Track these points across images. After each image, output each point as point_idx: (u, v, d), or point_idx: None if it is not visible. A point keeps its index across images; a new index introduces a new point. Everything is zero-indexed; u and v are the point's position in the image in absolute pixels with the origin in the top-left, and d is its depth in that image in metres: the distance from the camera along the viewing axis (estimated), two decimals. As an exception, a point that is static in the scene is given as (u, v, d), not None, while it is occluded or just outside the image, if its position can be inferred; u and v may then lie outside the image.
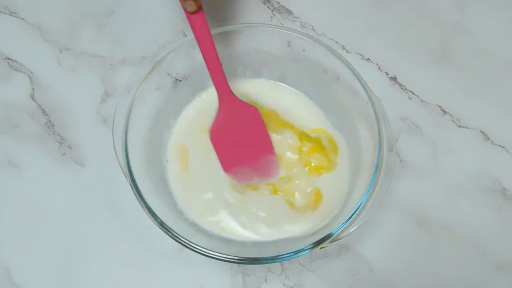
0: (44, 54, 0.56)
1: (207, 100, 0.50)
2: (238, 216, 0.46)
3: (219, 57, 0.42)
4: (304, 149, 0.48)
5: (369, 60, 0.56)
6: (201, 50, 0.42)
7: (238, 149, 0.47)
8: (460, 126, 0.53)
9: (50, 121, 0.53)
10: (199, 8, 0.40)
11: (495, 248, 0.49)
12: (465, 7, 0.58)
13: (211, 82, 0.45)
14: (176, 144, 0.49)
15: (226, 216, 0.46)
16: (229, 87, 0.44)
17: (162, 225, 0.40)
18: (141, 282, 0.48)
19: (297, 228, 0.45)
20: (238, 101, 0.45)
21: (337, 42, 0.56)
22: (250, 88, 0.51)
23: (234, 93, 0.45)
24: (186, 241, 0.39)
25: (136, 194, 0.40)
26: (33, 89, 0.54)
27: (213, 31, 0.46)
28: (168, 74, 0.48)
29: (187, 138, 0.49)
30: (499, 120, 0.53)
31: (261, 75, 0.51)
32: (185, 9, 0.40)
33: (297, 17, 0.57)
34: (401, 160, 0.51)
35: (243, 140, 0.47)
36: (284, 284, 0.48)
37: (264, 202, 0.46)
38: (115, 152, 0.43)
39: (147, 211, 0.40)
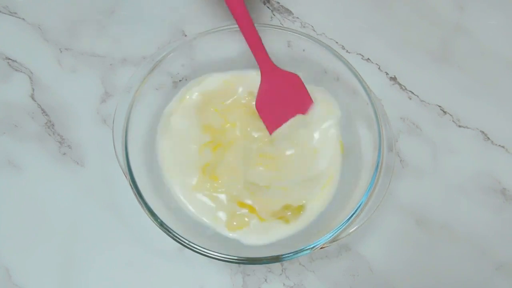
0: (44, 54, 0.56)
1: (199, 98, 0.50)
2: (239, 216, 0.46)
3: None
4: None
5: (369, 60, 0.56)
6: (239, 25, 0.44)
7: (281, 114, 0.48)
8: (460, 126, 0.53)
9: (50, 121, 0.53)
10: None
11: (495, 248, 0.49)
12: (465, 7, 0.58)
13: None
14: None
15: (226, 217, 0.46)
16: (269, 58, 0.46)
17: (162, 225, 0.40)
18: (141, 282, 0.48)
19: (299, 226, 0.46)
20: (279, 70, 0.47)
21: (337, 42, 0.56)
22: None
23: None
24: (186, 241, 0.39)
25: (136, 194, 0.41)
26: (33, 89, 0.54)
27: (214, 31, 0.46)
28: (167, 74, 0.48)
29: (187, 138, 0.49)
30: (499, 120, 0.53)
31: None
32: None
33: (297, 17, 0.57)
34: (401, 160, 0.51)
35: (286, 105, 0.48)
36: (284, 284, 0.48)
37: (265, 204, 0.46)
38: (115, 152, 0.43)
39: (147, 211, 0.40)
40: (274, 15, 0.57)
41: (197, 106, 0.49)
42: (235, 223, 0.45)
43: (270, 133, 0.49)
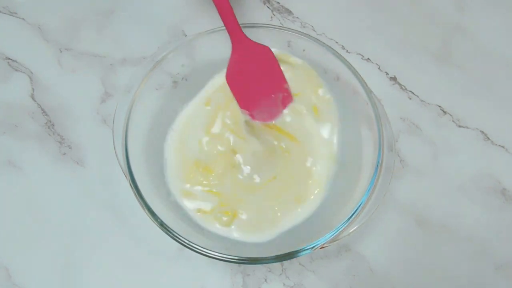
0: (44, 54, 0.55)
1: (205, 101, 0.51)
2: (239, 215, 0.46)
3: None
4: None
5: (369, 60, 0.56)
6: None
7: (253, 88, 0.48)
8: (460, 126, 0.53)
9: (50, 121, 0.53)
10: None
11: (495, 248, 0.48)
12: (465, 7, 0.58)
13: (209, 82, 0.46)
14: (175, 143, 0.49)
15: (226, 216, 0.46)
16: (240, 28, 0.45)
17: (162, 225, 0.40)
18: (142, 282, 0.48)
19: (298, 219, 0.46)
20: (250, 42, 0.46)
21: (337, 42, 0.56)
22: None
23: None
24: (186, 241, 0.39)
25: (136, 194, 0.40)
26: (33, 89, 0.54)
27: (214, 31, 0.46)
28: (167, 74, 0.48)
29: (187, 137, 0.49)
30: (499, 120, 0.53)
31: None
32: None
33: (297, 17, 0.57)
34: (401, 160, 0.51)
35: (257, 78, 0.48)
36: (284, 284, 0.48)
37: (266, 200, 0.46)
38: (115, 152, 0.43)
39: (147, 211, 0.40)
40: (274, 15, 0.57)
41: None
42: (224, 219, 0.45)
43: (241, 108, 0.48)
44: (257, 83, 0.48)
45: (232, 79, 0.48)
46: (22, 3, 0.57)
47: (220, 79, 0.50)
